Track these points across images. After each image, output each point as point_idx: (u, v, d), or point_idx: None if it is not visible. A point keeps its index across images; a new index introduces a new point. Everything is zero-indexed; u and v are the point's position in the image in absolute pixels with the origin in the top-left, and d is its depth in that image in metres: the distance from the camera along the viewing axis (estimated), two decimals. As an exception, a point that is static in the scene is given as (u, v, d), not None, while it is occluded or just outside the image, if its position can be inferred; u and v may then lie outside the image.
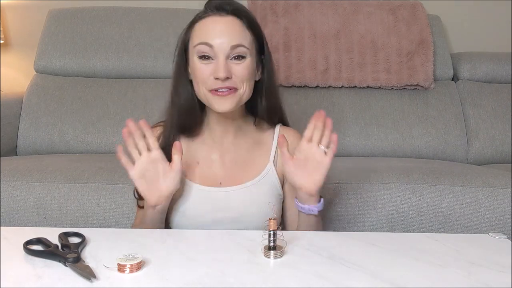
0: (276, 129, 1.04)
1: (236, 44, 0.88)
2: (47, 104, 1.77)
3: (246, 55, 0.90)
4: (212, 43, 0.88)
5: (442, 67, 1.96)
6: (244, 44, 0.89)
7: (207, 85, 0.89)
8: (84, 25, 1.90)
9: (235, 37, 0.89)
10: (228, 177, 0.98)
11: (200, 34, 0.90)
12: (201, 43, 0.89)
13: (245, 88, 0.91)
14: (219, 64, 0.87)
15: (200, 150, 1.00)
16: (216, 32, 0.89)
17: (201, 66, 0.90)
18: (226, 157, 1.00)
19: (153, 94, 1.81)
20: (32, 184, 1.23)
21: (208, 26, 0.90)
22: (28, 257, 0.69)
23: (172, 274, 0.64)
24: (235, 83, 0.89)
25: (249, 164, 0.99)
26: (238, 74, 0.89)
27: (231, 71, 0.88)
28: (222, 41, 0.88)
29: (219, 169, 0.99)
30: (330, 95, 1.86)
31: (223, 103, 0.90)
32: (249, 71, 0.91)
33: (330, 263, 0.70)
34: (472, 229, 1.26)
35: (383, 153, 1.77)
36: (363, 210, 1.26)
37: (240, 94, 0.91)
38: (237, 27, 0.90)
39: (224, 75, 0.87)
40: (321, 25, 1.87)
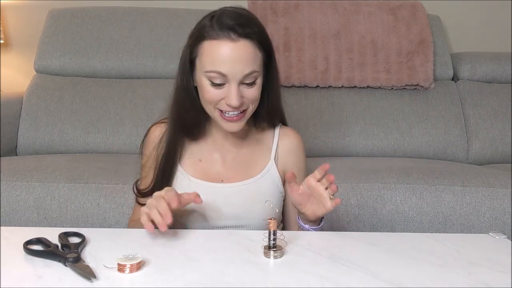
0: (277, 129, 1.05)
1: (249, 72, 0.87)
2: (47, 104, 1.77)
3: (257, 77, 0.90)
4: (225, 72, 0.86)
5: (442, 67, 1.96)
6: (256, 69, 0.89)
7: (216, 105, 0.90)
8: (84, 25, 1.91)
9: (248, 65, 0.87)
10: (229, 175, 0.99)
11: (211, 60, 0.87)
12: (213, 71, 0.87)
13: (254, 105, 0.92)
14: (232, 92, 0.87)
15: (202, 149, 1.00)
16: (229, 61, 0.86)
17: (212, 91, 0.89)
18: (228, 156, 1.00)
19: (153, 94, 1.81)
20: (32, 184, 1.23)
21: (219, 52, 0.86)
22: (28, 257, 0.69)
23: (172, 274, 0.64)
24: (246, 105, 0.90)
25: (251, 163, 1.00)
26: (249, 97, 0.90)
27: (243, 95, 0.88)
28: (234, 69, 0.86)
29: (220, 167, 1.00)
30: (330, 95, 1.86)
31: (232, 126, 0.91)
32: (259, 91, 0.92)
33: (330, 263, 0.70)
34: (472, 229, 1.26)
35: (383, 153, 1.78)
36: (363, 210, 1.26)
37: (248, 113, 0.92)
38: (250, 52, 0.87)
39: (237, 104, 0.87)
40: (321, 25, 1.87)
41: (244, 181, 0.98)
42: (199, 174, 0.98)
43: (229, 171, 0.99)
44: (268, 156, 1.02)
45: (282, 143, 1.03)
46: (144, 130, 1.75)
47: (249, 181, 0.98)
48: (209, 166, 0.99)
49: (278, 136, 1.03)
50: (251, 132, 1.03)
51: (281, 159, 1.02)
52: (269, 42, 0.93)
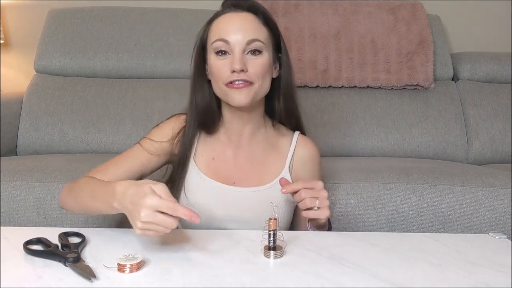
0: (295, 136, 1.03)
1: (252, 39, 0.89)
2: (47, 104, 1.77)
3: (262, 50, 0.91)
4: (228, 38, 0.89)
5: (442, 67, 1.96)
6: (260, 39, 0.90)
7: (223, 79, 0.90)
8: (84, 25, 1.90)
9: (251, 32, 0.89)
10: (242, 178, 0.98)
11: (216, 31, 0.91)
12: (217, 39, 0.90)
13: (261, 83, 0.91)
14: (235, 57, 0.88)
15: (215, 146, 1.00)
16: (232, 28, 0.90)
17: (218, 63, 0.90)
18: (241, 156, 0.99)
19: (153, 94, 1.81)
20: (32, 184, 1.23)
21: (224, 23, 0.91)
22: (28, 257, 0.69)
23: (172, 274, 0.64)
24: (250, 76, 0.89)
25: (264, 167, 0.99)
26: (253, 69, 0.89)
27: (246, 64, 0.89)
28: (238, 36, 0.89)
29: (233, 167, 0.99)
30: (330, 95, 1.86)
31: (239, 96, 0.89)
32: (265, 66, 0.91)
33: (330, 263, 0.70)
34: (472, 229, 1.26)
35: (383, 153, 1.77)
36: (363, 210, 1.26)
37: (255, 88, 0.90)
38: (253, 23, 0.91)
39: (239, 67, 0.87)
40: (321, 25, 1.87)
41: (255, 188, 0.97)
42: (211, 173, 0.97)
43: (242, 172, 0.98)
44: (283, 164, 1.00)
45: (298, 152, 1.02)
46: (144, 130, 1.76)
47: (261, 188, 0.97)
48: (221, 166, 0.99)
49: (295, 144, 1.02)
50: (267, 133, 1.02)
51: (295, 168, 1.01)
52: (275, 26, 0.96)
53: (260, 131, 1.00)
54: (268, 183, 0.98)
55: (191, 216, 0.69)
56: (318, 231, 0.88)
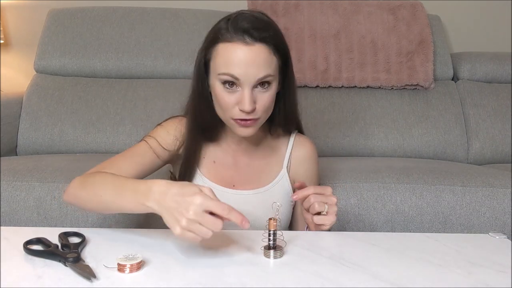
0: (292, 136, 1.03)
1: (264, 76, 0.84)
2: (47, 104, 1.77)
3: (272, 82, 0.87)
4: (238, 75, 0.83)
5: (442, 67, 1.96)
6: (271, 73, 0.85)
7: (231, 114, 0.87)
8: (84, 25, 1.91)
9: (263, 69, 0.84)
10: (241, 181, 0.98)
11: (224, 63, 0.85)
12: (226, 73, 0.84)
13: (267, 113, 0.90)
14: (245, 97, 0.84)
15: (217, 151, 1.00)
16: (242, 63, 0.83)
17: (225, 95, 0.86)
18: (241, 161, 1.00)
19: (153, 94, 1.81)
20: (32, 184, 1.23)
21: (233, 55, 0.84)
22: (28, 257, 0.69)
23: (172, 274, 0.64)
24: (258, 113, 0.87)
25: (263, 170, 1.00)
26: (262, 103, 0.86)
27: (256, 100, 0.86)
28: (248, 73, 0.83)
29: (233, 172, 0.99)
30: (330, 95, 1.86)
31: (245, 132, 0.88)
32: (273, 98, 0.89)
33: (330, 263, 0.70)
34: (472, 229, 1.26)
35: (383, 153, 1.78)
36: (363, 210, 1.26)
37: (261, 121, 0.90)
38: (265, 57, 0.84)
39: (250, 109, 0.84)
40: (321, 25, 1.87)
41: (255, 190, 0.97)
42: (213, 177, 0.98)
43: (242, 176, 0.99)
44: (281, 165, 1.01)
45: (295, 152, 1.02)
46: (144, 130, 1.76)
47: (260, 190, 0.98)
48: (222, 169, 0.99)
49: (292, 144, 1.02)
50: (265, 139, 1.01)
51: (293, 167, 1.02)
52: (286, 46, 0.90)
53: (259, 138, 1.00)
54: (267, 185, 0.98)
55: (242, 220, 0.67)
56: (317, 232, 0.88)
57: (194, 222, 0.65)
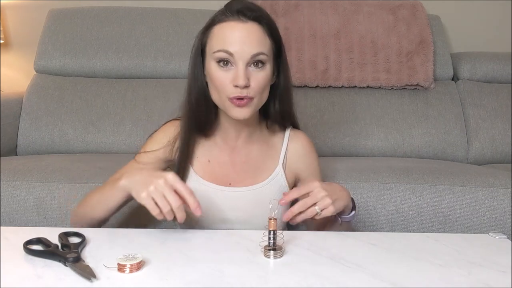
0: (287, 131, 1.03)
1: (257, 53, 0.86)
2: (47, 104, 1.77)
3: (265, 62, 0.88)
4: (232, 50, 0.85)
5: (442, 67, 1.96)
6: (264, 52, 0.87)
7: (226, 93, 0.87)
8: (84, 25, 1.91)
9: (256, 46, 0.86)
10: (237, 179, 0.98)
11: (219, 40, 0.87)
12: (221, 50, 0.86)
13: (261, 96, 0.90)
14: (239, 72, 0.85)
15: (212, 149, 1.00)
16: (236, 40, 0.86)
17: (220, 74, 0.87)
18: (237, 159, 0.99)
19: (153, 94, 1.81)
20: (32, 184, 1.23)
21: (228, 32, 0.87)
22: (28, 257, 0.69)
23: (172, 274, 0.65)
24: (253, 91, 0.87)
25: (259, 167, 0.99)
26: (256, 82, 0.87)
27: (250, 78, 0.86)
28: (242, 49, 0.85)
29: (229, 170, 0.99)
30: (330, 95, 1.86)
31: (240, 113, 0.88)
32: (267, 79, 0.89)
33: (330, 263, 0.70)
34: (472, 229, 1.26)
35: (383, 153, 1.77)
36: (363, 210, 1.26)
37: (255, 103, 0.89)
38: (258, 34, 0.87)
39: (243, 83, 0.85)
40: (321, 25, 1.87)
41: (251, 186, 0.97)
42: (208, 176, 0.97)
43: (238, 173, 0.98)
44: (276, 161, 1.00)
45: (291, 147, 1.01)
46: (144, 130, 1.76)
47: (256, 187, 0.97)
48: (217, 168, 0.98)
49: (287, 139, 1.02)
50: (261, 134, 1.01)
51: (290, 163, 1.01)
52: (278, 34, 0.93)
53: (255, 133, 1.00)
54: (263, 181, 0.98)
55: (196, 207, 0.77)
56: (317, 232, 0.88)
57: (159, 192, 0.76)
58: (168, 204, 0.76)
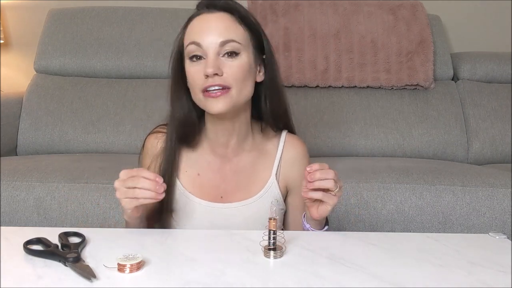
0: (282, 137, 0.97)
1: (226, 40, 0.83)
2: (47, 104, 1.77)
3: (239, 51, 0.84)
4: (201, 41, 0.83)
5: (442, 67, 1.96)
6: (236, 39, 0.83)
7: (198, 86, 0.84)
8: (84, 25, 1.91)
9: (225, 33, 0.83)
10: (229, 191, 0.93)
11: (189, 35, 0.86)
12: (190, 43, 0.84)
13: (240, 87, 0.84)
14: (208, 61, 0.82)
15: (200, 161, 0.94)
16: (204, 30, 0.84)
17: (192, 68, 0.85)
18: (227, 168, 0.94)
19: (153, 94, 1.81)
20: (32, 184, 1.23)
21: (196, 25, 0.86)
22: (28, 257, 0.69)
23: (172, 274, 0.64)
24: (226, 81, 0.83)
25: (252, 178, 0.94)
26: (229, 72, 0.83)
27: (221, 68, 0.82)
28: (210, 37, 0.83)
29: (219, 182, 0.93)
30: (330, 95, 1.86)
31: (216, 104, 0.83)
32: (244, 69, 0.84)
33: (330, 263, 0.70)
34: (472, 229, 1.26)
35: (383, 153, 1.77)
36: (363, 210, 1.26)
37: (233, 94, 0.83)
38: (228, 22, 0.85)
39: (212, 70, 0.81)
40: (321, 25, 1.87)
41: (244, 201, 0.92)
42: (197, 191, 0.92)
43: (229, 186, 0.93)
44: (270, 170, 0.94)
45: (286, 154, 0.96)
46: (144, 130, 1.75)
47: (249, 201, 0.92)
48: (207, 181, 0.93)
49: (283, 145, 0.96)
50: (254, 139, 0.96)
51: (284, 171, 0.95)
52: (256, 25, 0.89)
53: (247, 140, 0.94)
54: (256, 195, 0.93)
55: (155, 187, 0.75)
56: (317, 232, 0.88)
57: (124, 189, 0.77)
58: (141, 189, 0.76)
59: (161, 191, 0.76)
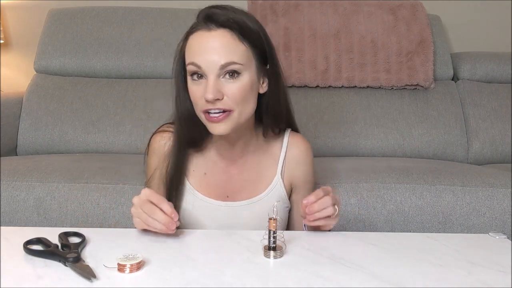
0: (285, 137, 0.98)
1: (227, 63, 0.81)
2: (47, 104, 1.77)
3: (240, 71, 0.82)
4: (200, 63, 0.81)
5: (442, 67, 1.96)
6: (236, 61, 0.81)
7: (199, 107, 0.84)
8: (84, 25, 1.91)
9: (225, 55, 0.81)
10: (235, 191, 0.95)
11: (190, 52, 0.84)
12: (190, 63, 0.83)
13: (241, 108, 0.84)
14: (208, 85, 0.81)
15: (207, 162, 0.96)
16: (202, 51, 0.82)
17: (193, 87, 0.84)
18: (233, 171, 0.96)
19: (153, 94, 1.81)
20: (32, 184, 1.23)
21: (196, 44, 0.83)
22: (28, 257, 0.69)
23: (172, 274, 0.64)
24: (227, 104, 0.82)
25: (257, 177, 0.96)
26: (230, 94, 0.82)
27: (222, 91, 0.81)
28: (210, 60, 0.81)
29: (226, 182, 0.95)
30: (330, 95, 1.86)
31: (218, 128, 0.83)
32: (245, 90, 0.83)
33: (330, 263, 0.70)
34: (472, 229, 1.26)
35: (383, 153, 1.77)
36: (363, 210, 1.26)
37: (235, 116, 0.83)
38: (228, 42, 0.82)
39: (212, 97, 0.80)
40: (321, 25, 1.87)
41: (249, 200, 0.94)
42: (204, 190, 0.94)
43: (235, 185, 0.95)
44: (275, 169, 0.96)
45: (290, 153, 0.97)
46: (144, 130, 1.76)
47: (255, 200, 0.94)
48: (214, 181, 0.95)
49: (286, 145, 0.97)
50: (258, 141, 0.96)
51: (288, 170, 0.97)
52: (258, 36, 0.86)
53: (251, 142, 0.95)
54: (261, 193, 0.95)
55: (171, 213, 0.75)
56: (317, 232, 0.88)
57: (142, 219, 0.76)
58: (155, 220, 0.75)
59: (173, 228, 0.75)
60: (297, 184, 0.98)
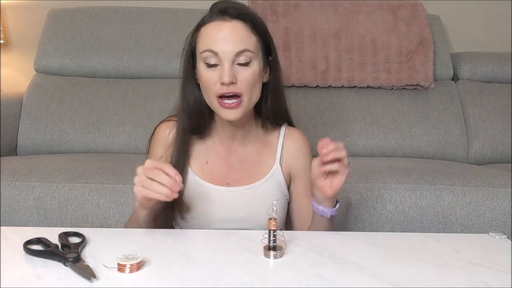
0: (282, 129, 1.04)
1: (241, 50, 0.88)
2: (47, 104, 1.77)
3: (252, 59, 0.90)
4: (217, 50, 0.88)
5: (442, 67, 1.96)
6: (250, 49, 0.89)
7: (214, 91, 0.89)
8: (84, 25, 1.91)
9: (240, 43, 0.88)
10: (236, 178, 0.98)
11: (205, 41, 0.90)
12: (206, 50, 0.89)
13: (250, 93, 0.91)
14: (224, 70, 0.87)
15: (209, 150, 1.00)
16: (220, 39, 0.88)
17: (208, 74, 0.90)
18: (234, 158, 1.00)
19: (153, 94, 1.81)
20: (32, 184, 1.23)
21: (212, 32, 0.90)
22: (28, 257, 0.69)
23: (172, 274, 0.65)
24: (240, 88, 0.89)
25: (256, 166, 1.00)
26: (243, 79, 0.89)
27: (236, 76, 0.88)
28: (226, 47, 0.88)
29: (226, 170, 0.99)
30: (330, 95, 1.86)
31: (230, 114, 0.90)
32: (255, 76, 0.91)
33: (330, 263, 0.70)
34: (472, 229, 1.26)
35: (383, 153, 1.78)
36: (363, 210, 1.26)
37: (245, 102, 0.90)
38: (242, 32, 0.89)
39: (229, 80, 0.86)
40: (321, 25, 1.87)
41: (249, 185, 0.98)
42: (206, 176, 0.98)
43: (235, 173, 0.99)
44: (274, 158, 1.01)
45: (287, 144, 1.02)
46: (144, 130, 1.76)
47: (254, 185, 0.98)
48: (215, 168, 0.99)
49: (283, 137, 1.03)
50: (257, 131, 1.02)
51: (286, 160, 1.02)
52: (266, 31, 0.94)
53: (251, 132, 1.01)
54: (261, 179, 0.99)
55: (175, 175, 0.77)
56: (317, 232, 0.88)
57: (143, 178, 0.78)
58: (158, 183, 0.78)
59: (176, 189, 0.78)
60: (296, 174, 1.02)
